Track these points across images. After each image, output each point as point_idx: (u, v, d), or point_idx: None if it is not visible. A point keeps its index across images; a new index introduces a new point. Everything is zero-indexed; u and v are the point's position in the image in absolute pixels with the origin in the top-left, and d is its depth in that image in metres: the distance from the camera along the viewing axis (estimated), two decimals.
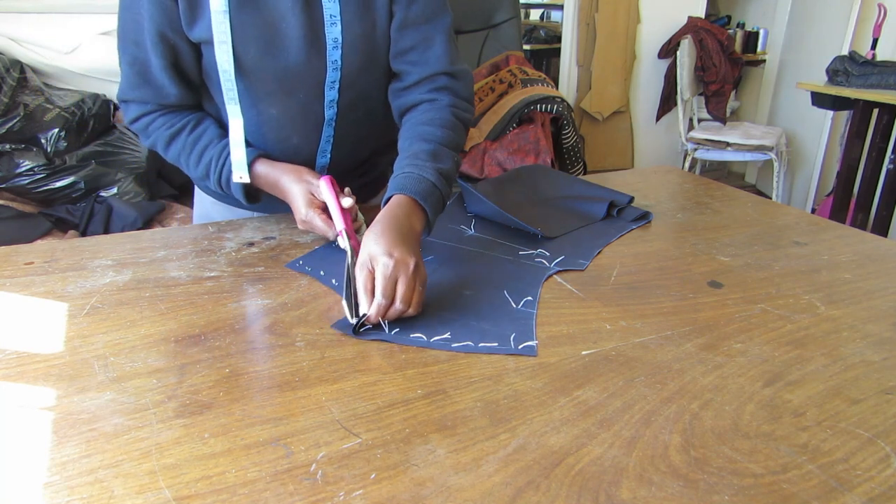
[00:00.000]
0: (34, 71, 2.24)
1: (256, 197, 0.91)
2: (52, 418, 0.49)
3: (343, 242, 0.77)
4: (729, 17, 4.52)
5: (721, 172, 4.29)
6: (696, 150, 3.29)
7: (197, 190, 1.07)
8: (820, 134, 3.35)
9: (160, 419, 0.49)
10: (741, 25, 4.34)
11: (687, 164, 3.35)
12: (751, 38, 4.01)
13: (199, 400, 0.52)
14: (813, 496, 0.43)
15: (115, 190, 2.12)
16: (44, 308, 0.67)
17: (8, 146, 2.02)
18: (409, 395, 0.53)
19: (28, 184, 2.02)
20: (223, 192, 0.90)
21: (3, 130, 2.00)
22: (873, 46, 2.80)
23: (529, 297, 0.70)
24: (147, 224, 2.02)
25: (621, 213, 0.97)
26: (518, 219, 0.89)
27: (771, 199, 2.79)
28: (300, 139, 0.92)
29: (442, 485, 0.43)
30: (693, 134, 3.32)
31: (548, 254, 0.82)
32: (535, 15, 5.61)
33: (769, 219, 0.99)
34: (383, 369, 0.57)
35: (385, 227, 0.69)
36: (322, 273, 0.76)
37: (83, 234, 1.97)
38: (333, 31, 0.83)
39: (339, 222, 0.79)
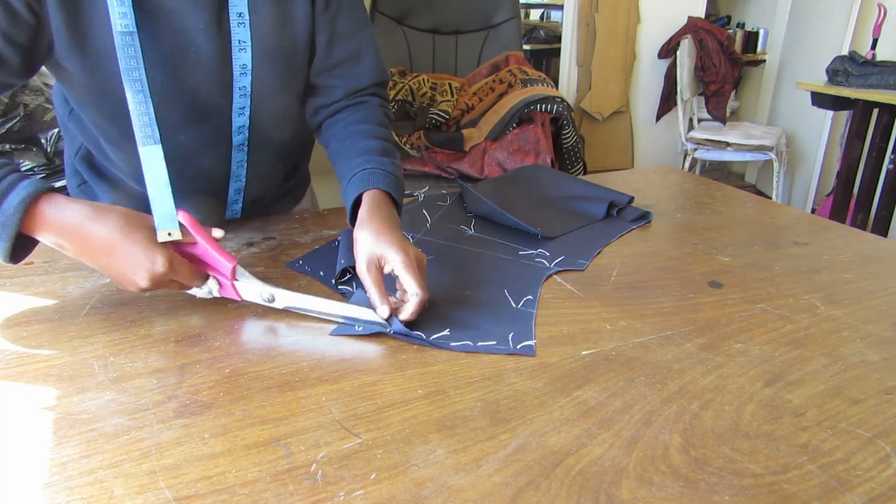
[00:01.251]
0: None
1: (22, 251, 0.62)
2: (52, 418, 0.49)
3: (225, 291, 0.65)
4: (729, 17, 4.52)
5: (721, 172, 4.29)
6: (696, 150, 3.29)
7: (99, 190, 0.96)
8: (820, 134, 3.34)
9: (160, 419, 0.49)
10: (741, 25, 4.34)
11: (687, 164, 3.35)
12: (751, 38, 4.01)
13: (199, 400, 0.52)
14: (813, 496, 0.43)
15: None
16: (44, 308, 0.67)
17: (8, 146, 2.02)
18: (409, 395, 0.53)
19: None
20: None
21: (3, 130, 2.00)
22: (873, 46, 2.80)
23: (530, 297, 0.70)
24: None
25: (621, 213, 0.97)
26: (518, 219, 0.89)
27: (771, 199, 2.79)
28: (210, 165, 0.84)
29: (442, 485, 0.43)
30: (693, 134, 3.32)
31: (548, 254, 0.82)
32: (535, 15, 5.60)
33: (769, 219, 0.99)
34: (383, 369, 0.57)
35: (378, 225, 0.68)
36: (322, 273, 0.76)
37: None
38: (242, 57, 0.76)
39: (223, 259, 0.64)
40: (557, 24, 4.53)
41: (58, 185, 0.70)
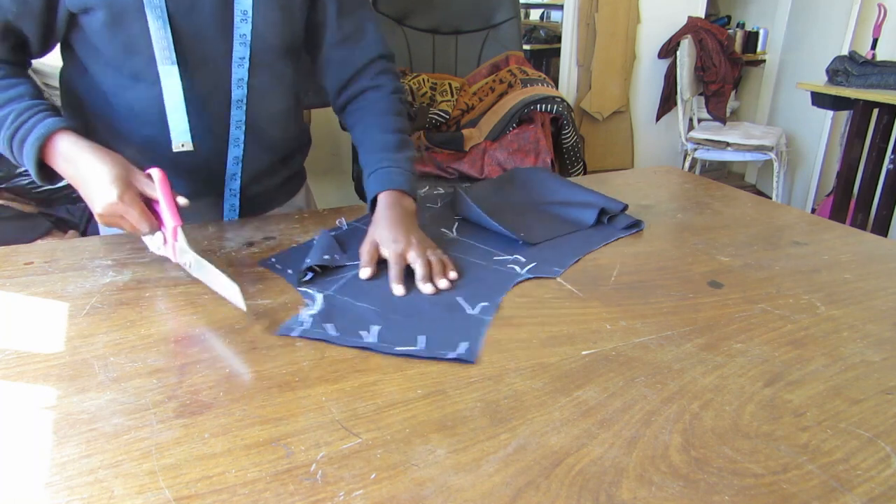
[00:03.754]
0: (34, 71, 2.24)
1: (50, 175, 0.77)
2: (52, 418, 0.49)
3: (167, 248, 0.70)
4: (729, 17, 4.52)
5: (721, 172, 4.29)
6: (696, 150, 3.29)
7: None
8: (820, 134, 3.34)
9: (160, 419, 0.49)
10: (741, 25, 4.34)
11: (687, 164, 3.35)
12: (751, 38, 4.01)
13: (199, 400, 0.52)
14: (813, 496, 0.43)
15: None
16: (44, 308, 0.67)
17: None
18: (409, 395, 0.53)
19: (28, 184, 2.02)
20: (13, 156, 0.75)
21: None
22: (873, 46, 2.80)
23: (486, 304, 0.69)
24: None
25: (613, 221, 0.95)
26: (505, 223, 0.88)
27: (771, 199, 2.79)
28: (210, 119, 0.86)
29: (442, 485, 0.43)
30: (693, 134, 3.32)
31: (523, 260, 0.81)
32: (535, 15, 5.60)
33: (769, 219, 0.99)
34: (383, 369, 0.57)
35: (387, 219, 0.80)
36: (290, 272, 0.76)
37: (83, 234, 1.97)
38: (243, 3, 0.79)
39: (171, 218, 0.70)
40: (557, 24, 4.53)
41: (59, 184, 0.74)
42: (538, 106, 2.27)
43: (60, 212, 2.03)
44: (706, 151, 3.28)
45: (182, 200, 0.73)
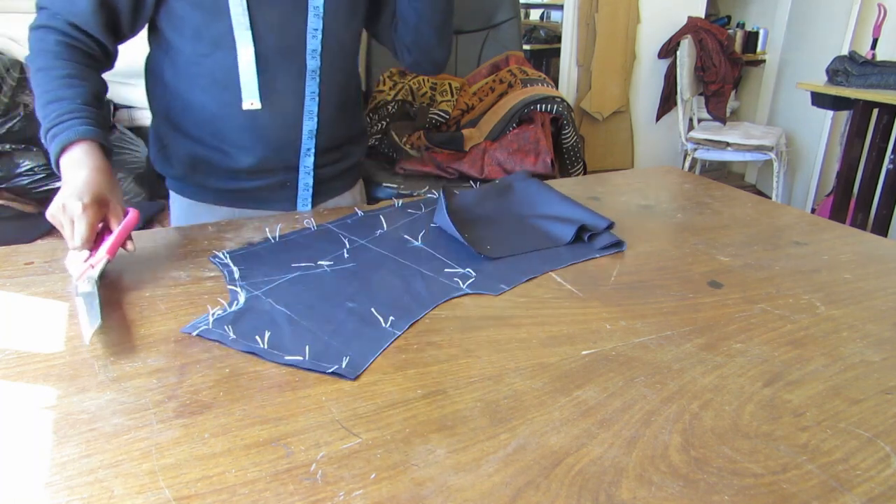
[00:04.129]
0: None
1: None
2: (52, 418, 0.49)
3: (76, 267, 0.70)
4: (729, 17, 4.52)
5: (721, 172, 4.29)
6: (696, 150, 3.29)
7: (172, 194, 1.06)
8: (820, 134, 3.34)
9: (160, 419, 0.49)
10: (741, 25, 4.34)
11: (687, 164, 3.35)
12: (751, 38, 4.01)
13: (199, 400, 0.52)
14: (813, 496, 0.43)
15: None
16: (44, 308, 0.67)
17: (8, 146, 2.02)
18: (409, 395, 0.53)
19: (28, 184, 2.02)
20: (45, 143, 0.80)
21: (3, 130, 2.00)
22: (873, 46, 2.80)
23: (394, 318, 0.66)
24: (147, 224, 2.02)
25: (593, 240, 0.87)
26: (474, 235, 0.85)
27: (771, 199, 2.79)
28: (285, 88, 0.92)
29: (442, 485, 0.43)
30: (693, 134, 3.32)
31: (473, 274, 0.76)
32: (535, 15, 5.60)
33: (769, 219, 0.99)
34: (383, 369, 0.57)
35: None
36: (233, 268, 0.76)
37: None
38: None
39: (107, 250, 0.72)
40: (557, 24, 4.53)
41: (59, 184, 0.75)
42: (538, 106, 2.27)
43: None
44: (706, 151, 3.28)
45: (130, 246, 0.76)
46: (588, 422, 0.50)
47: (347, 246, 0.83)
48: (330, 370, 0.56)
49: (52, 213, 0.73)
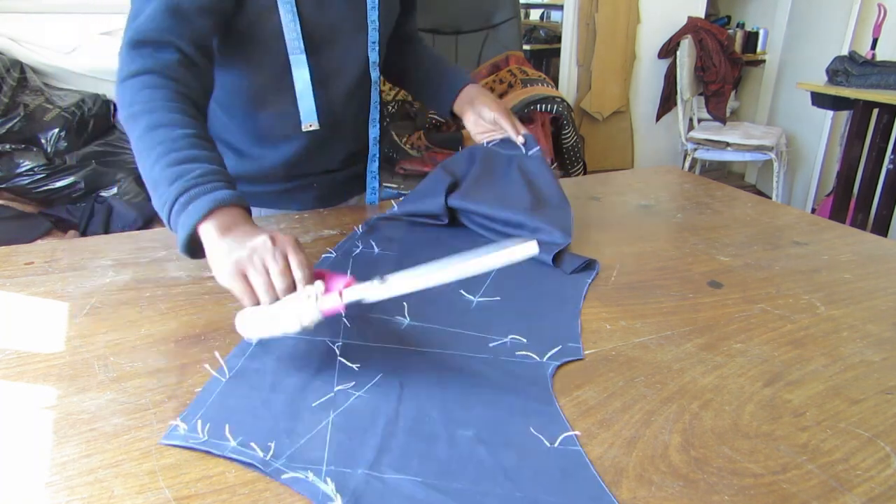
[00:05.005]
0: (34, 71, 2.24)
1: (196, 251, 0.62)
2: (52, 418, 0.49)
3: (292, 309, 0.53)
4: (729, 17, 4.51)
5: (721, 172, 4.29)
6: (696, 150, 3.29)
7: None
8: (820, 134, 3.34)
9: (160, 419, 0.49)
10: (741, 25, 4.34)
11: (687, 164, 3.35)
12: (751, 38, 4.01)
13: None
14: (813, 496, 0.43)
15: (115, 190, 2.12)
16: (44, 308, 0.67)
17: (8, 146, 2.02)
18: None
19: (28, 184, 2.02)
20: (164, 211, 0.62)
21: (3, 130, 2.00)
22: (873, 46, 2.80)
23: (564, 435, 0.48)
24: (147, 224, 2.02)
25: (559, 262, 0.78)
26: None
27: (771, 199, 2.79)
28: (350, 101, 0.95)
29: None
30: (693, 134, 3.32)
31: (525, 340, 0.61)
32: (535, 15, 5.60)
33: (769, 219, 0.99)
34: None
35: (488, 96, 0.98)
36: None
37: (83, 234, 1.97)
38: None
39: (340, 280, 0.55)
40: (557, 24, 4.52)
41: (59, 184, 0.73)
42: (538, 106, 2.27)
43: (60, 212, 2.04)
44: (706, 151, 3.28)
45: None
46: (588, 422, 0.50)
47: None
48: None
49: (238, 259, 0.55)
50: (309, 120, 0.90)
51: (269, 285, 0.54)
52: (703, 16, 3.66)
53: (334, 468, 0.44)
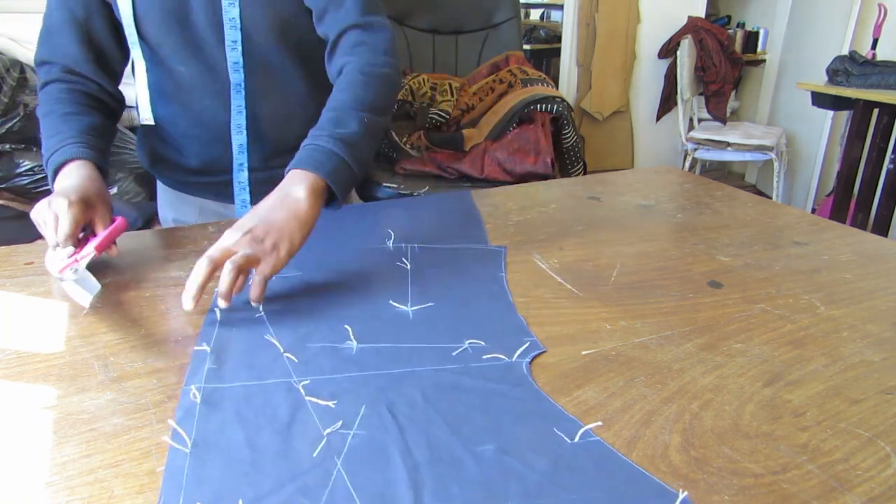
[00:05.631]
0: (34, 71, 2.24)
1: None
2: (52, 418, 0.49)
3: (58, 262, 0.69)
4: (729, 17, 4.51)
5: (721, 172, 4.29)
6: (696, 150, 3.29)
7: (159, 184, 1.08)
8: (820, 134, 3.34)
9: (160, 419, 0.49)
10: (741, 25, 4.34)
11: (687, 164, 3.35)
12: (751, 38, 4.01)
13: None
14: (813, 496, 0.43)
15: (115, 190, 2.12)
16: (44, 308, 0.67)
17: (8, 146, 2.02)
18: None
19: (28, 184, 2.02)
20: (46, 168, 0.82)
21: (3, 130, 2.00)
22: (873, 46, 2.80)
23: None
24: (147, 224, 2.02)
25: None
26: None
27: (771, 199, 2.79)
28: (211, 103, 0.91)
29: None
30: (693, 134, 3.32)
31: (483, 343, 0.60)
32: (535, 15, 5.60)
33: (769, 219, 0.99)
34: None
35: (260, 205, 0.66)
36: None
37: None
38: None
39: (94, 246, 0.71)
40: (557, 24, 4.52)
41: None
42: (538, 106, 2.27)
43: None
44: (706, 151, 3.28)
45: (114, 251, 0.75)
46: (588, 422, 0.50)
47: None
48: None
49: (37, 209, 0.72)
50: (144, 114, 0.92)
51: (53, 235, 0.70)
52: (703, 16, 3.66)
53: None
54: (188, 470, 0.44)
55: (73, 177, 0.76)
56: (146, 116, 0.92)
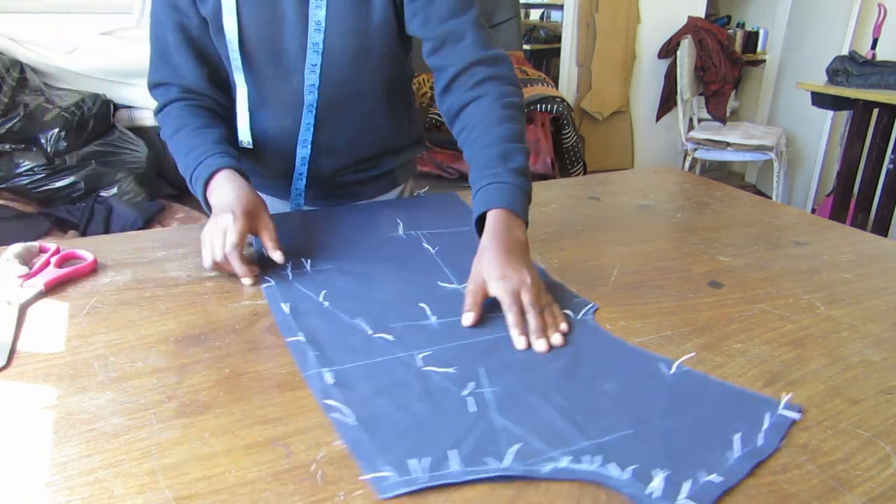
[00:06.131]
0: (34, 71, 2.24)
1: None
2: (52, 418, 0.49)
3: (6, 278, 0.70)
4: (729, 17, 4.52)
5: (721, 172, 4.29)
6: (696, 150, 3.29)
7: None
8: (820, 134, 3.34)
9: (160, 419, 0.49)
10: (741, 25, 4.34)
11: (687, 164, 3.35)
12: (751, 38, 4.01)
13: (199, 400, 0.52)
14: (813, 496, 0.43)
15: (115, 190, 2.12)
16: (44, 308, 0.67)
17: (8, 146, 2.02)
18: None
19: (28, 184, 2.02)
20: (191, 187, 0.85)
21: (3, 130, 2.00)
22: (873, 46, 2.80)
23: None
24: (147, 224, 2.02)
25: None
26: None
27: (771, 199, 2.79)
28: (285, 119, 0.93)
29: (443, 484, 0.43)
30: (693, 134, 3.32)
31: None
32: (535, 15, 5.60)
33: (769, 219, 0.99)
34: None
35: (495, 250, 0.69)
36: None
37: (83, 234, 1.97)
38: (317, 14, 0.85)
39: (36, 280, 0.71)
40: (557, 24, 4.53)
41: (59, 184, 0.75)
42: (538, 106, 2.27)
43: (60, 212, 2.03)
44: (706, 151, 3.28)
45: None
46: None
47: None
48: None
49: (207, 230, 0.75)
50: (243, 137, 0.94)
51: (220, 246, 0.73)
52: (703, 16, 3.67)
53: (561, 452, 0.46)
54: (367, 436, 0.47)
55: (227, 190, 0.79)
56: (245, 140, 0.94)
